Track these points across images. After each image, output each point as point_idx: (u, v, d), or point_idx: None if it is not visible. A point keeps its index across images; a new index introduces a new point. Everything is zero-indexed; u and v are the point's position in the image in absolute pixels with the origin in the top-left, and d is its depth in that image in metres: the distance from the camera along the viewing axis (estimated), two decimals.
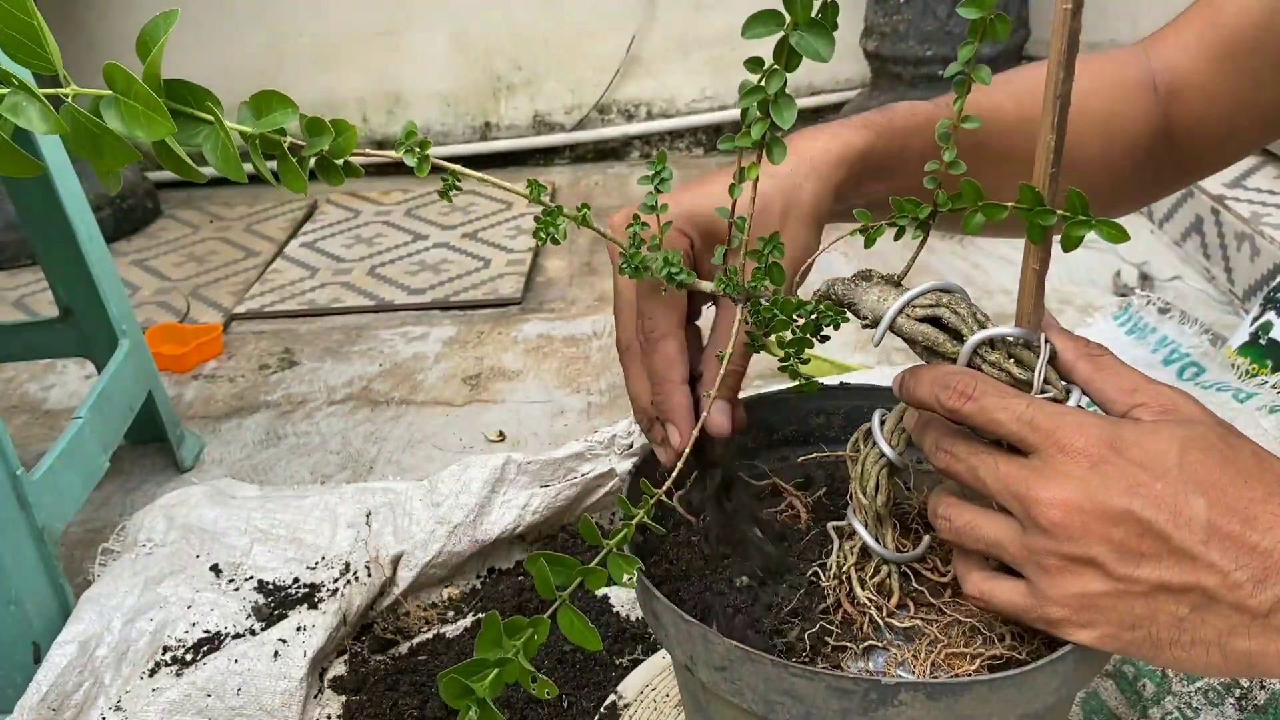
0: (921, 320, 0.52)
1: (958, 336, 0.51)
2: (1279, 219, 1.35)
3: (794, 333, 0.54)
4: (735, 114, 2.15)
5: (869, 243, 0.55)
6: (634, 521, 0.51)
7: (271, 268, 1.76)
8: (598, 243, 1.77)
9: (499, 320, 1.53)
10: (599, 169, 2.17)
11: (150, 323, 1.55)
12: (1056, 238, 0.49)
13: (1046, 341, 0.51)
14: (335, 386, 1.38)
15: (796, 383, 0.56)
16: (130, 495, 1.15)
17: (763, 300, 0.54)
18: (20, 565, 0.85)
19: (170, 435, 1.18)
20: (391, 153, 0.48)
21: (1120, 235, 0.46)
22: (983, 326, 0.51)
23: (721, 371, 0.55)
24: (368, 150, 0.46)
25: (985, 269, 1.52)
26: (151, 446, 1.21)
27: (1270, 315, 1.08)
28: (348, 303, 1.61)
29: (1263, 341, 1.07)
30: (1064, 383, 0.51)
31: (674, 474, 0.54)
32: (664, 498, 0.53)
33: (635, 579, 0.49)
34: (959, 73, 0.51)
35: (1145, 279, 1.42)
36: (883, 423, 0.57)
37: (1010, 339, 0.51)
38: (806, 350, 0.55)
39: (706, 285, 0.55)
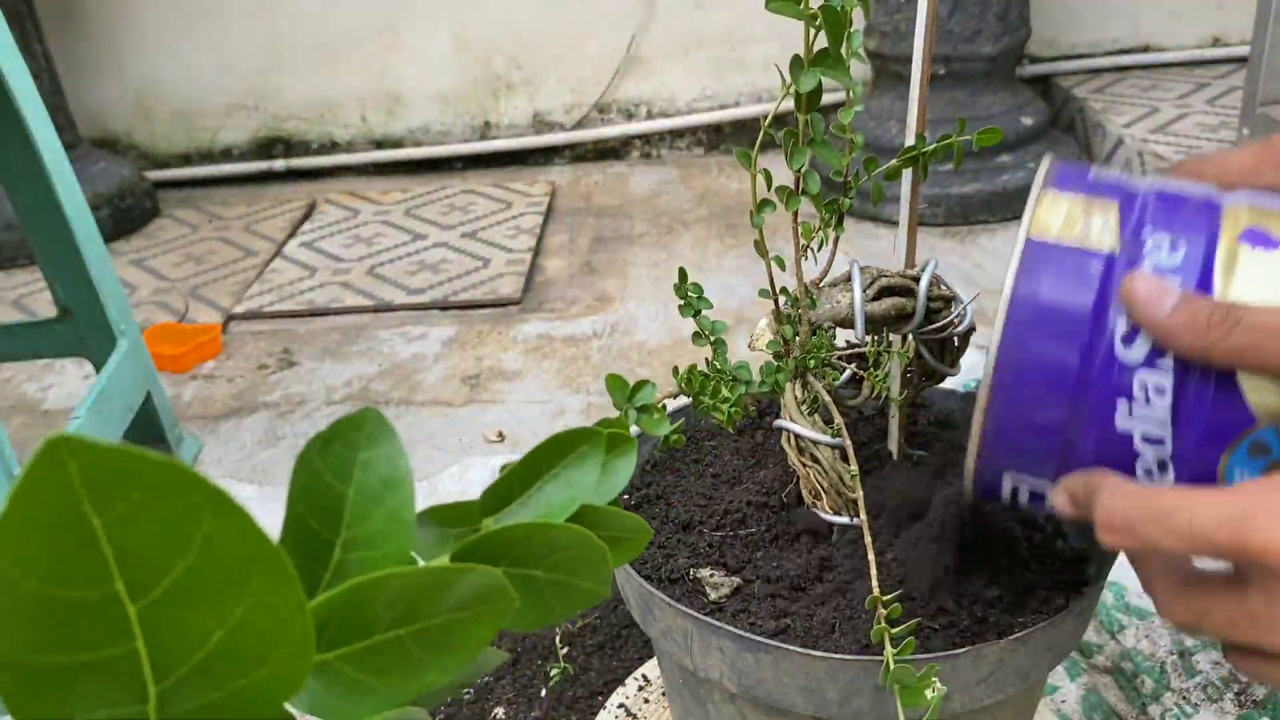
0: (876, 298, 0.55)
1: (906, 294, 0.55)
2: None
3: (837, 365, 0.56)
4: (736, 113, 2.15)
5: (815, 258, 0.58)
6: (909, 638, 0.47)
7: (270, 268, 1.76)
8: (597, 243, 1.77)
9: (498, 320, 1.52)
10: (599, 168, 2.17)
11: (149, 323, 1.54)
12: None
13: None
14: (334, 387, 1.37)
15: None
16: None
17: (828, 359, 0.56)
18: None
19: (169, 435, 1.17)
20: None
21: (996, 136, 0.52)
22: (909, 277, 0.56)
23: None
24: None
25: (986, 269, 1.52)
26: (150, 447, 1.21)
27: None
28: (347, 303, 1.60)
29: None
30: (957, 291, 0.57)
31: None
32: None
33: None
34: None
35: None
36: (792, 421, 0.57)
37: (933, 272, 0.56)
38: None
39: (786, 376, 0.56)
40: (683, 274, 0.56)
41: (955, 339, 0.58)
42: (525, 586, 0.20)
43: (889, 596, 0.46)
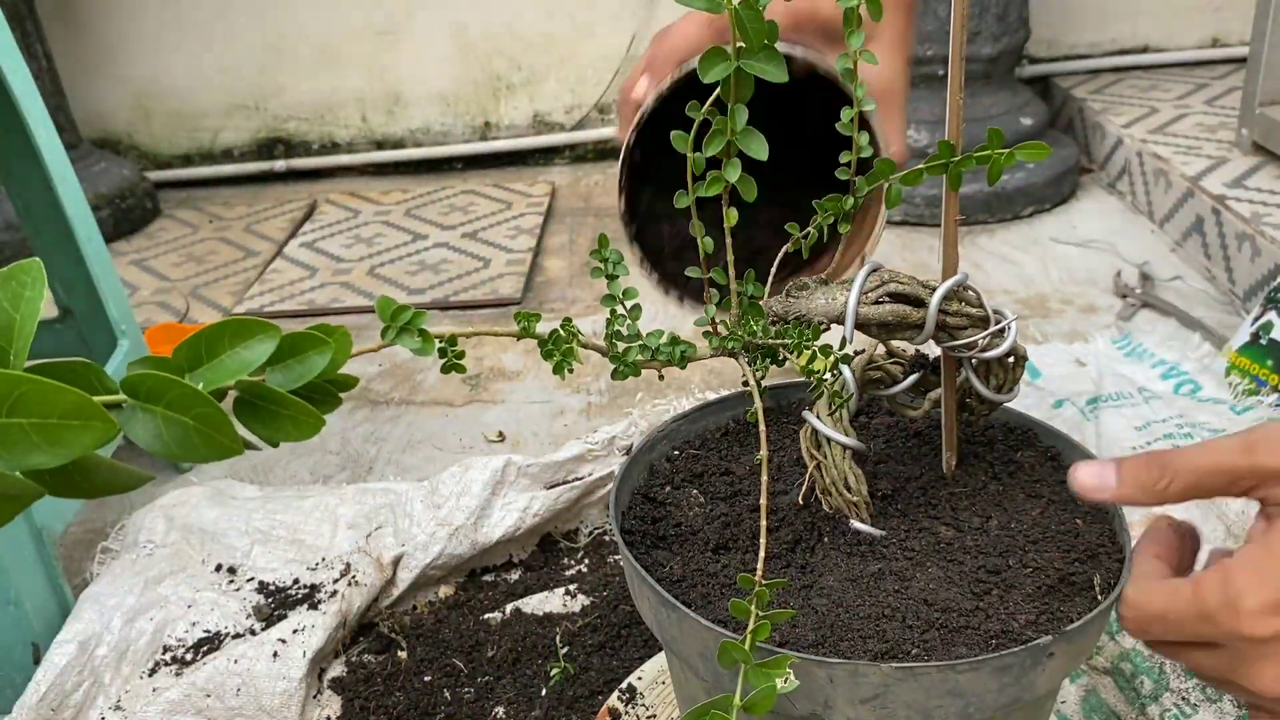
0: (876, 302, 0.54)
1: (915, 302, 0.54)
2: (1279, 219, 1.34)
3: (814, 353, 0.55)
4: None
5: (806, 252, 0.56)
6: (764, 621, 0.45)
7: (271, 268, 1.76)
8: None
9: (499, 320, 1.52)
10: (599, 169, 2.17)
11: (150, 323, 1.55)
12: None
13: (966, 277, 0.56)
14: None
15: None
16: (130, 495, 1.14)
17: (760, 341, 0.55)
18: (20, 565, 0.85)
19: None
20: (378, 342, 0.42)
21: (1045, 152, 0.49)
22: (928, 287, 0.54)
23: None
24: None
25: (986, 269, 1.52)
26: None
27: (1271, 315, 1.08)
28: (347, 303, 1.61)
29: (1263, 341, 1.07)
30: (995, 309, 0.55)
31: (761, 561, 0.51)
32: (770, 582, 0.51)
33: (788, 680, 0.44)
34: (847, 65, 0.53)
35: (1146, 279, 1.42)
36: (817, 415, 0.57)
37: (958, 287, 0.54)
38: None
39: (706, 351, 0.56)
40: (603, 240, 0.57)
41: (1000, 363, 0.57)
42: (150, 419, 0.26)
43: (770, 581, 0.46)
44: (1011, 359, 0.57)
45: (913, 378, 0.60)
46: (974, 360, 0.56)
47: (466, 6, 2.11)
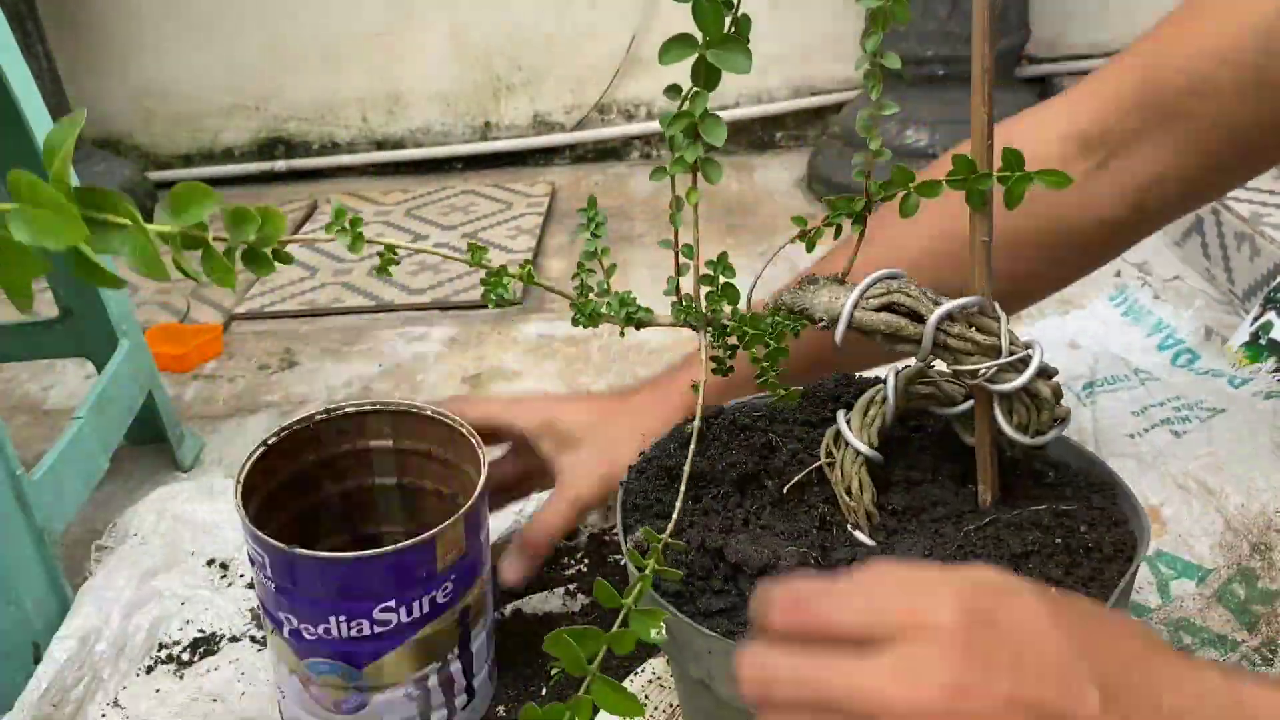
0: (878, 310, 0.53)
1: (917, 318, 0.53)
2: (1279, 219, 1.34)
3: (767, 345, 0.55)
4: (735, 114, 2.15)
5: (810, 247, 0.56)
6: (646, 574, 0.49)
7: None
8: None
9: (499, 320, 1.53)
10: (599, 169, 2.17)
11: (150, 323, 1.55)
12: None
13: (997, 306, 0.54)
14: (335, 387, 1.38)
15: (777, 394, 0.58)
16: (131, 495, 1.14)
17: (726, 322, 0.55)
18: (20, 565, 0.85)
19: (170, 435, 1.18)
20: (322, 234, 0.52)
21: (1064, 180, 0.48)
22: (937, 304, 0.52)
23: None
24: (296, 237, 0.50)
25: None
26: (151, 446, 1.21)
27: (1270, 315, 1.09)
28: (348, 303, 1.61)
29: (1263, 341, 1.07)
30: (1025, 343, 0.53)
31: (671, 523, 0.53)
32: (669, 540, 0.52)
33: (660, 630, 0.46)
34: (869, 64, 0.53)
35: (1145, 279, 1.42)
36: (849, 422, 0.57)
37: (968, 309, 0.52)
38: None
39: (665, 319, 0.56)
40: (591, 200, 0.58)
41: (1022, 399, 0.54)
42: None
43: (670, 537, 0.48)
44: (1032, 397, 0.54)
45: (970, 404, 0.57)
46: (997, 393, 0.54)
47: (467, 7, 2.11)
